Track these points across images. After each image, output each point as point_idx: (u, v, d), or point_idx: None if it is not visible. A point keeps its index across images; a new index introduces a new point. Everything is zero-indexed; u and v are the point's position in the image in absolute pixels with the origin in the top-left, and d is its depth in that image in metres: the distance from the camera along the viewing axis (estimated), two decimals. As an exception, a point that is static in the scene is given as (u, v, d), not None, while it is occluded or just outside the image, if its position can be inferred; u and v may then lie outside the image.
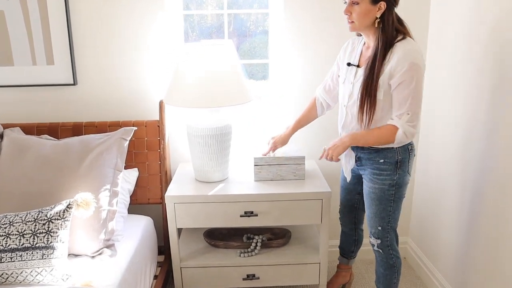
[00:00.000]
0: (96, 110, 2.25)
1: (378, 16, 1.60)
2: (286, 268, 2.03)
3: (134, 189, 2.15)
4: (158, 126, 2.15)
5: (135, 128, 2.02)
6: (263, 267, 2.02)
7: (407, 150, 1.73)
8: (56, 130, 2.14)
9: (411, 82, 1.57)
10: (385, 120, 1.67)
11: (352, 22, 1.64)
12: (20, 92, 2.21)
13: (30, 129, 2.13)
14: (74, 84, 2.20)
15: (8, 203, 1.75)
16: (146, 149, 2.17)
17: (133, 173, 2.13)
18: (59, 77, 2.20)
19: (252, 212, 1.93)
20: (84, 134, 2.13)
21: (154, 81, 2.24)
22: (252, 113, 2.30)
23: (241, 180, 2.06)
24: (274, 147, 2.05)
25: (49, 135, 2.11)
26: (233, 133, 2.08)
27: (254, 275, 2.02)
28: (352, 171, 1.90)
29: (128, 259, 1.76)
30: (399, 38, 1.62)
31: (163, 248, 2.26)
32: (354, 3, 1.60)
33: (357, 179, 1.93)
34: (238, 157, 2.32)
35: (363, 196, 1.89)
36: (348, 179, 1.93)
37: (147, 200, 2.21)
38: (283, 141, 2.05)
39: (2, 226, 1.57)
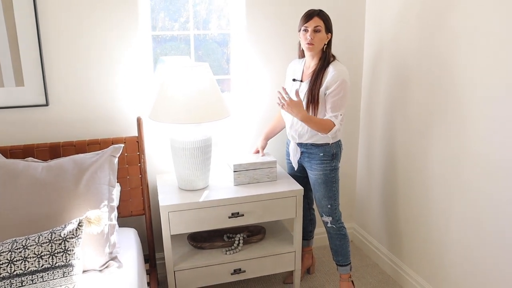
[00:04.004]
0: (70, 129, 2.28)
1: (326, 42, 2.11)
2: (267, 260, 2.31)
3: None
4: (137, 141, 2.27)
5: (122, 145, 2.11)
6: (248, 261, 2.27)
7: (339, 145, 2.25)
8: (31, 152, 2.13)
9: (340, 93, 2.08)
10: (321, 116, 2.14)
11: (313, 44, 2.08)
12: (-12, 115, 2.16)
13: (3, 153, 2.09)
14: (46, 105, 2.21)
15: (10, 230, 1.75)
16: (126, 164, 2.27)
17: (117, 188, 2.22)
18: (30, 98, 2.19)
19: (238, 213, 2.17)
20: (63, 155, 2.16)
21: (128, 99, 2.34)
22: (224, 125, 2.54)
23: (222, 186, 2.29)
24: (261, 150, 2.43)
25: (25, 157, 2.10)
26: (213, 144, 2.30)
27: (240, 269, 2.27)
28: (298, 161, 2.35)
29: (135, 268, 1.88)
30: (331, 60, 2.15)
31: (147, 256, 2.38)
32: (316, 31, 2.07)
33: (302, 167, 2.37)
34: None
35: (309, 180, 2.33)
36: (296, 168, 2.37)
37: (130, 213, 2.31)
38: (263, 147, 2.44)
39: (16, 250, 1.60)
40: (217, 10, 2.52)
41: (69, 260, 1.64)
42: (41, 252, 1.61)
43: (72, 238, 1.67)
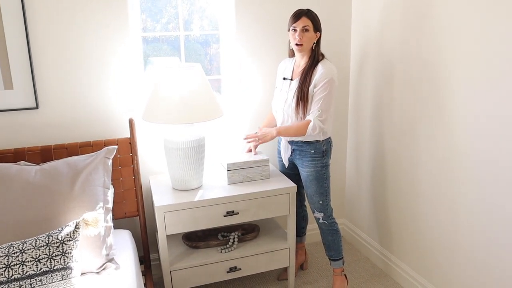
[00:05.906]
0: (61, 132, 2.26)
1: (315, 41, 2.15)
2: (262, 257, 2.33)
3: (111, 205, 2.23)
4: (130, 143, 2.26)
5: (116, 146, 2.10)
6: (243, 259, 2.29)
7: (329, 142, 2.30)
8: (22, 156, 2.10)
9: (325, 90, 2.13)
10: None
11: (302, 44, 2.12)
12: (-24, 119, 2.12)
13: (-7, 157, 2.06)
14: (36, 108, 2.18)
15: (5, 234, 1.73)
16: (119, 165, 2.26)
17: (110, 190, 2.21)
18: (19, 101, 2.16)
19: (233, 211, 2.19)
20: (54, 158, 2.14)
21: (119, 100, 2.33)
22: (217, 125, 2.55)
23: (216, 185, 2.30)
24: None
25: (16, 161, 2.07)
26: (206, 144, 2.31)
27: (236, 267, 2.28)
28: (288, 159, 2.39)
29: (132, 269, 1.88)
30: (321, 59, 2.20)
31: (141, 258, 2.37)
32: (305, 30, 2.11)
33: (293, 164, 2.41)
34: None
35: (301, 177, 2.37)
36: (287, 165, 2.41)
37: (123, 214, 2.30)
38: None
39: (13, 255, 1.59)
40: (199, 11, 2.53)
41: (68, 262, 1.63)
42: (39, 255, 1.60)
43: (69, 240, 1.67)
